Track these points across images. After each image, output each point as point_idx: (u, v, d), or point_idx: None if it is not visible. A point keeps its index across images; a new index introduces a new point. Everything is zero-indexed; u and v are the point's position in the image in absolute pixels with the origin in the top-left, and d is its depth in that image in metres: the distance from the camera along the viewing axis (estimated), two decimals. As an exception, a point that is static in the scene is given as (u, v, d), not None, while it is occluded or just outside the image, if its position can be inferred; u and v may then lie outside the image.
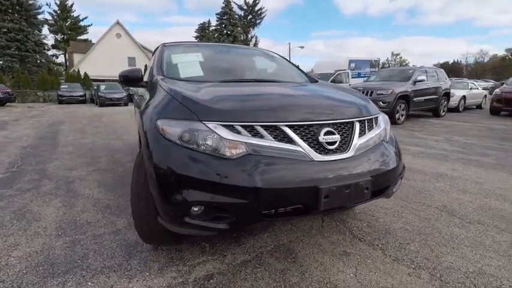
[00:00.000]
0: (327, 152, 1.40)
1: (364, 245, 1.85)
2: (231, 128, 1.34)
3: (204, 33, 41.13)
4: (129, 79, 2.23)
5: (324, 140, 1.39)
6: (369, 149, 1.53)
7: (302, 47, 34.79)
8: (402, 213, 2.30)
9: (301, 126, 1.40)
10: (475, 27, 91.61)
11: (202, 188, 1.27)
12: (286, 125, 1.37)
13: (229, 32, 30.89)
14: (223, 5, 31.51)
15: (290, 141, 1.36)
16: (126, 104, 16.99)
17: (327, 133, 1.41)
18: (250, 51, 2.99)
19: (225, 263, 1.67)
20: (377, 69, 15.67)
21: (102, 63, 26.85)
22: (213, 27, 33.03)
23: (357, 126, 1.53)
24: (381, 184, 1.50)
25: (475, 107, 11.42)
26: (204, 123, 1.35)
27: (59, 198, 2.63)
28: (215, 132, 1.32)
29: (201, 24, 41.95)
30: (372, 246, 1.84)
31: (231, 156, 1.29)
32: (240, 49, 2.91)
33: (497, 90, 8.88)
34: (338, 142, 1.43)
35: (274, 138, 1.35)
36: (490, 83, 24.93)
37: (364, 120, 1.60)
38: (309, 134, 1.40)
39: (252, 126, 1.35)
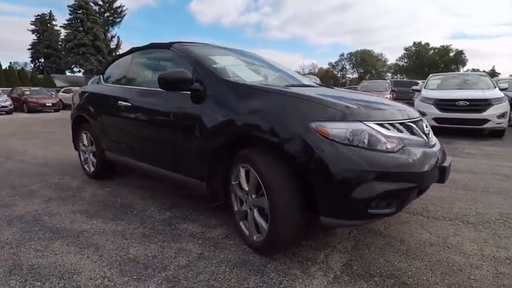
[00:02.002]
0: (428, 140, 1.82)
1: (405, 214, 2.38)
2: (383, 126, 1.55)
3: (45, 27, 33.82)
4: (177, 81, 1.93)
5: (427, 132, 1.80)
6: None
7: (173, 52, 33.98)
8: (395, 188, 3.01)
9: (414, 122, 1.76)
10: (306, 45, 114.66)
11: (384, 179, 1.43)
12: (410, 122, 1.70)
13: (87, 29, 26.57)
14: (77, -4, 26.90)
15: (414, 133, 1.69)
16: None
17: (426, 126, 1.83)
18: (259, 56, 3.01)
19: (343, 252, 1.81)
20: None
21: None
22: (66, 22, 27.54)
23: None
24: None
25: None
26: (365, 123, 1.50)
27: (58, 241, 1.93)
28: (377, 130, 1.49)
29: (38, 16, 34.33)
30: (412, 214, 2.39)
31: (393, 149, 1.50)
32: (249, 53, 2.89)
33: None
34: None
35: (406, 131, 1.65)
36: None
37: None
38: (418, 127, 1.77)
39: (393, 124, 1.60)
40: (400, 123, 1.65)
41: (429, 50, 67.90)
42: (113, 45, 34.23)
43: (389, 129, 1.56)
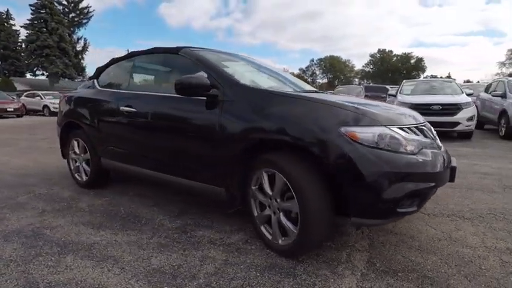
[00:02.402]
0: (436, 142, 1.96)
1: (407, 212, 2.53)
2: (403, 130, 1.65)
3: (2, 27, 31.54)
4: (195, 86, 1.92)
5: (435, 135, 1.94)
6: None
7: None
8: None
9: (424, 125, 1.89)
10: (277, 50, 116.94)
11: (410, 179, 1.52)
12: (421, 125, 1.82)
13: (51, 30, 25.01)
14: (41, -5, 25.28)
15: (426, 136, 1.81)
16: None
17: (432, 129, 1.97)
18: (263, 62, 3.03)
19: (362, 251, 1.88)
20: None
21: None
22: (28, 22, 25.71)
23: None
24: None
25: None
26: (388, 128, 1.58)
27: (69, 255, 1.83)
28: (399, 134, 1.59)
29: (-7, 13, 31.97)
30: (412, 211, 2.54)
31: (413, 151, 1.60)
32: (253, 59, 2.91)
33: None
34: None
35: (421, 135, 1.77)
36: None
37: None
38: (427, 130, 1.90)
39: (410, 127, 1.72)
40: (414, 127, 1.76)
41: (392, 57, 72.08)
42: (79, 47, 32.54)
43: (408, 133, 1.67)
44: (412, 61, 68.48)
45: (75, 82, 36.04)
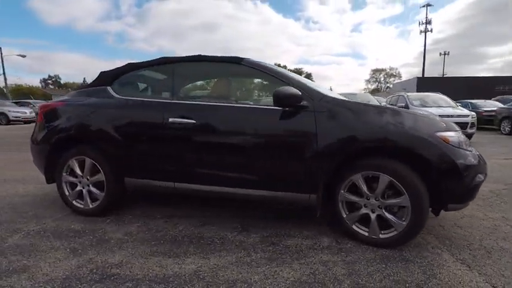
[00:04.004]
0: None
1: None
2: (458, 133, 2.13)
3: None
4: (290, 97, 1.99)
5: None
6: None
7: (24, 56, 27.50)
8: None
9: None
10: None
11: (480, 171, 2.00)
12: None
13: None
14: None
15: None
16: None
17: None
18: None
19: (424, 234, 2.29)
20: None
21: None
22: None
23: None
24: None
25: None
26: (457, 132, 2.05)
27: (188, 289, 1.58)
28: (462, 136, 2.07)
29: None
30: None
31: (469, 148, 2.09)
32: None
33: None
34: None
35: None
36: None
37: None
38: None
39: (459, 131, 2.23)
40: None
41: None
42: None
43: (461, 135, 2.18)
44: (303, 76, 78.30)
45: None
